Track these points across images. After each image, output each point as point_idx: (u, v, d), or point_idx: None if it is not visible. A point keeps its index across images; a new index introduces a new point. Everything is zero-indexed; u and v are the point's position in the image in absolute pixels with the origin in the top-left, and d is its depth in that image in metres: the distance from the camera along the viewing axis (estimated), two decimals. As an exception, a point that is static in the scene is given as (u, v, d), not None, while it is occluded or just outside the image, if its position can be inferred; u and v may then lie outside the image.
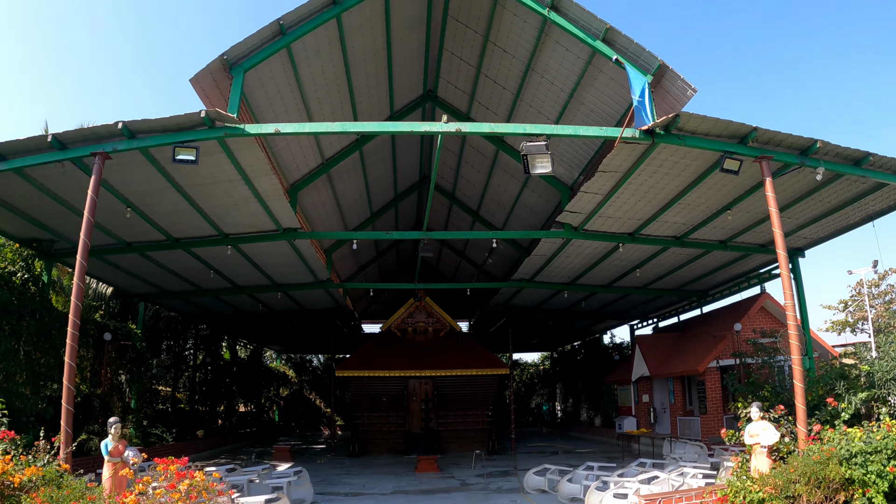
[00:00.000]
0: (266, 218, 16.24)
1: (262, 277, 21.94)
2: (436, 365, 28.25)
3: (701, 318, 27.44)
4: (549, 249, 19.73)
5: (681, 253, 20.19)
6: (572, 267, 21.92)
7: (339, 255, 26.46)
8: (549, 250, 19.81)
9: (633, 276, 23.10)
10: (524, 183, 20.71)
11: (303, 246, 18.67)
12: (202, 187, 14.39)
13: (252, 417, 40.15)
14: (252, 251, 18.79)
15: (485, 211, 23.96)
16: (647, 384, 27.70)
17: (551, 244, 19.13)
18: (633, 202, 16.01)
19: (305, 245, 18.65)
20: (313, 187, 19.50)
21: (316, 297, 25.80)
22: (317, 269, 21.42)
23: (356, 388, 28.18)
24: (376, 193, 23.97)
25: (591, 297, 26.70)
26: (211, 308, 27.32)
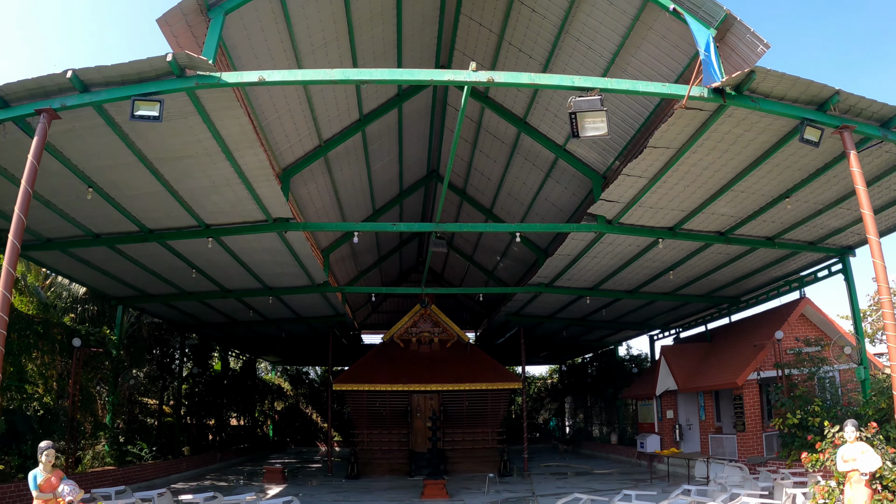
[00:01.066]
0: (252, 204, 13.81)
1: (251, 279, 19.49)
2: (442, 378, 25.75)
3: (730, 328, 24.98)
4: (576, 248, 17.33)
5: (721, 252, 17.79)
6: (598, 269, 19.52)
7: (338, 258, 24.01)
8: (576, 249, 17.41)
9: (662, 281, 20.72)
10: (547, 172, 18.30)
11: (296, 242, 16.27)
12: (175, 163, 11.97)
13: (245, 432, 37.52)
14: (238, 246, 16.35)
15: (500, 208, 21.57)
16: (672, 399, 25.19)
17: (579, 241, 16.73)
18: (680, 188, 13.61)
19: (299, 241, 16.26)
20: (309, 174, 17.08)
21: (312, 303, 23.33)
22: (312, 271, 19.00)
23: (355, 403, 25.61)
24: (380, 186, 21.54)
25: (612, 305, 24.24)
26: (199, 315, 24.82)
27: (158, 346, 26.61)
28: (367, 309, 37.81)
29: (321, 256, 20.41)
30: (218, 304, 22.72)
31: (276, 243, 16.25)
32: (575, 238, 16.45)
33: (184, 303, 22.24)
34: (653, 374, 26.81)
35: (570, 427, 41.92)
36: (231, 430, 36.16)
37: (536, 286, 21.22)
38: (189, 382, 30.30)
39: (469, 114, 18.35)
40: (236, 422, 37.83)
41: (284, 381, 45.17)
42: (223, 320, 26.03)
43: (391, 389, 25.26)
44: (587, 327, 29.29)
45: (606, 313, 25.30)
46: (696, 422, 24.78)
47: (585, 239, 16.50)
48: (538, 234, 21.99)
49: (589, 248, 17.11)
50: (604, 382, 34.60)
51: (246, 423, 38.10)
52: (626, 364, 33.28)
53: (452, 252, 29.89)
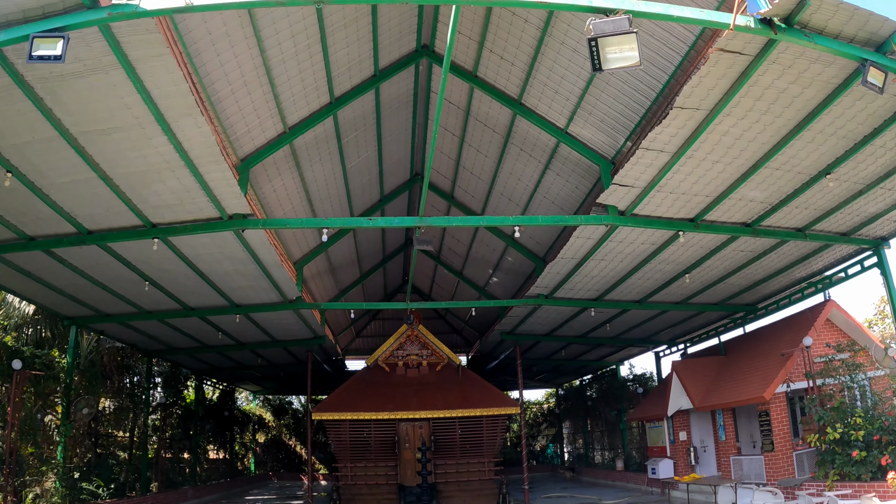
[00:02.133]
0: (202, 196, 11.53)
1: (213, 294, 17.10)
2: (432, 405, 23.35)
3: (745, 339, 22.82)
4: (581, 249, 15.14)
5: (744, 250, 15.69)
6: (605, 276, 17.32)
7: (314, 273, 21.70)
8: (581, 250, 15.22)
9: (675, 287, 18.56)
10: (546, 163, 16.13)
11: (259, 246, 13.97)
12: (102, 138, 9.72)
13: (225, 466, 34.66)
14: (193, 251, 14.02)
15: (492, 210, 19.37)
16: (685, 419, 22.89)
17: (585, 240, 14.56)
18: (707, 165, 11.53)
19: (263, 245, 13.96)
20: (273, 168, 14.86)
21: (287, 324, 20.91)
22: (282, 284, 16.67)
23: (337, 434, 23.09)
24: (358, 188, 19.23)
25: (618, 318, 22.01)
26: (164, 338, 22.28)
27: (122, 374, 23.96)
28: (350, 333, 35.32)
29: (293, 269, 18.15)
30: (182, 325, 20.26)
31: (237, 249, 13.95)
32: (581, 236, 14.27)
33: (144, 323, 19.76)
34: (662, 393, 24.53)
35: (570, 453, 39.33)
36: (209, 464, 33.37)
37: (535, 298, 18.98)
38: (160, 413, 27.61)
39: (455, 99, 16.26)
40: (215, 455, 35.07)
41: (266, 412, 42.36)
42: (192, 344, 23.51)
43: (376, 418, 22.81)
44: (588, 345, 27.01)
45: (610, 328, 23.03)
46: (711, 443, 22.50)
47: (593, 236, 14.33)
48: (536, 241, 19.83)
49: (597, 247, 14.91)
50: (605, 405, 32.23)
51: (225, 457, 35.30)
52: (630, 384, 30.94)
53: (440, 268, 27.66)
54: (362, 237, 22.55)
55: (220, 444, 34.72)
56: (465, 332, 34.77)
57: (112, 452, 24.14)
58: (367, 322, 35.65)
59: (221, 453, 35.33)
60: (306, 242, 19.00)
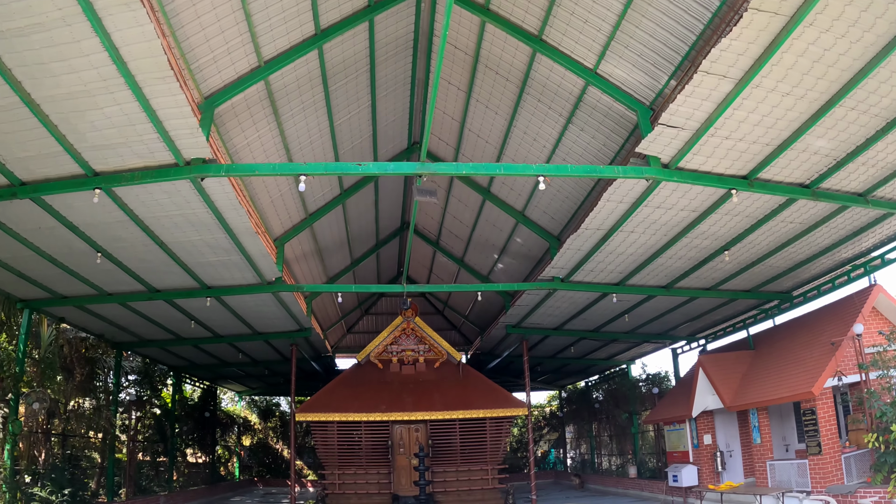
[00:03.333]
0: (150, 132, 9.19)
1: (179, 272, 14.80)
2: (430, 405, 21.10)
3: (776, 332, 20.61)
4: (610, 216, 12.92)
5: (793, 220, 13.52)
6: (631, 253, 15.13)
7: (297, 254, 19.37)
8: (610, 218, 13.00)
9: (706, 271, 16.42)
10: (569, 116, 13.67)
11: (229, 210, 11.74)
12: (19, 39, 7.47)
13: (207, 470, 32.20)
14: (145, 209, 11.65)
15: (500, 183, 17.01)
16: (709, 421, 20.70)
17: (615, 204, 12.34)
18: (775, 99, 9.37)
19: (233, 209, 11.72)
20: (245, 113, 12.55)
21: (268, 312, 18.60)
22: (259, 260, 14.41)
23: (323, 437, 20.78)
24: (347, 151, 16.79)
25: (639, 308, 19.77)
26: (133, 328, 19.95)
27: (84, 366, 21.57)
28: (340, 329, 32.94)
29: (272, 245, 15.91)
30: (149, 311, 17.92)
31: (200, 208, 11.67)
32: (612, 198, 12.04)
33: (106, 308, 17.45)
34: (684, 392, 22.36)
35: (574, 459, 37.03)
36: (188, 468, 30.92)
37: (549, 282, 16.76)
38: (134, 412, 25.24)
39: (462, 43, 14.01)
40: (195, 458, 32.66)
41: (252, 414, 39.94)
42: (165, 336, 21.18)
43: (367, 419, 20.53)
44: (600, 341, 24.79)
45: (628, 320, 20.78)
46: (737, 447, 20.38)
47: (627, 198, 12.10)
48: (551, 217, 17.62)
49: (630, 214, 12.69)
50: (615, 407, 29.97)
51: (206, 461, 32.86)
52: (642, 385, 28.72)
53: (439, 256, 25.39)
54: (353, 213, 20.16)
55: (200, 447, 32.33)
56: (464, 329, 32.40)
57: (82, 455, 21.91)
58: (359, 317, 33.29)
59: (203, 457, 32.94)
60: (288, 216, 16.73)
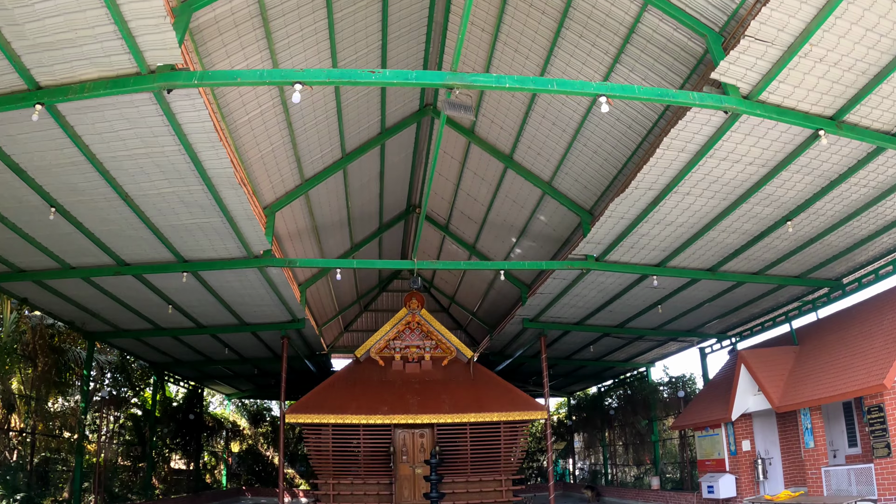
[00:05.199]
0: (105, 22, 6.59)
1: (152, 239, 12.06)
2: (437, 407, 18.34)
3: (821, 325, 18.00)
4: (666, 171, 10.44)
5: (866, 184, 11.02)
6: (682, 223, 12.51)
7: (291, 230, 16.54)
8: (666, 173, 10.51)
9: (757, 250, 13.97)
10: (616, 55, 11.14)
11: (205, 148, 9.09)
12: None
13: (193, 477, 29.24)
14: (102, 145, 9.00)
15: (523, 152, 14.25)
16: (747, 425, 18.05)
17: (676, 153, 9.85)
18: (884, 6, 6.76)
19: (210, 145, 9.05)
20: (229, 24, 9.87)
21: (255, 296, 15.79)
22: (244, 225, 11.67)
23: (316, 442, 17.95)
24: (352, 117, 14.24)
25: (677, 295, 17.08)
26: (106, 315, 17.17)
27: (48, 356, 18.71)
28: (336, 326, 30.03)
29: (260, 210, 13.15)
30: (119, 290, 15.08)
31: (170, 145, 9.04)
32: (674, 146, 9.49)
33: (70, 286, 14.63)
34: (718, 394, 19.67)
35: (584, 469, 34.18)
36: (171, 474, 27.98)
37: (581, 261, 14.05)
38: (107, 411, 22.38)
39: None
40: (184, 465, 29.77)
41: (242, 418, 36.96)
42: (141, 325, 18.36)
43: (366, 423, 17.74)
44: (623, 339, 21.98)
45: (661, 312, 18.04)
46: (776, 453, 17.84)
47: (692, 145, 9.62)
48: (583, 185, 14.89)
49: (693, 166, 10.20)
50: (632, 413, 27.19)
51: (191, 467, 29.92)
52: (664, 388, 25.98)
53: (447, 244, 22.55)
54: (355, 185, 17.20)
55: (184, 452, 29.41)
56: (471, 328, 29.55)
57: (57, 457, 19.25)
58: (358, 313, 30.41)
59: (187, 463, 30.02)
60: (280, 179, 13.97)
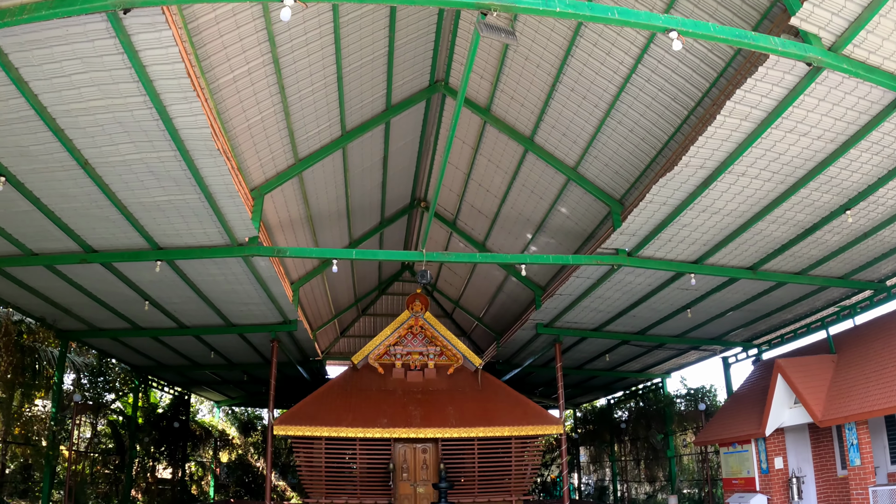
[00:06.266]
0: None
1: (116, 216, 10.24)
2: (442, 420, 16.50)
3: (858, 332, 16.40)
4: (724, 144, 8.96)
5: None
6: (730, 212, 10.99)
7: (283, 218, 14.64)
8: (724, 147, 9.05)
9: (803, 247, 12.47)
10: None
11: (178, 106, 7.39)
12: None
13: (179, 488, 27.26)
14: (49, 90, 7.28)
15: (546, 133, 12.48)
16: (779, 440, 16.35)
17: (739, 122, 8.50)
18: None
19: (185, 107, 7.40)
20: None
21: (242, 295, 13.91)
22: (225, 205, 9.88)
23: (308, 456, 16.05)
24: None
25: (704, 301, 15.38)
26: (78, 311, 15.33)
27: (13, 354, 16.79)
28: (332, 332, 28.11)
29: (247, 192, 11.35)
30: (89, 282, 13.17)
31: (132, 94, 7.31)
32: (736, 113, 8.15)
33: (34, 275, 12.73)
34: (745, 407, 18.01)
35: (589, 485, 32.27)
36: (155, 484, 25.99)
37: (612, 255, 12.29)
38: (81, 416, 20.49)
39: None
40: (169, 474, 27.82)
41: (231, 426, 34.96)
42: (119, 324, 16.50)
43: (364, 436, 15.88)
44: (643, 347, 20.20)
45: (691, 316, 16.27)
46: (809, 471, 16.14)
47: (758, 111, 8.16)
48: (613, 172, 13.14)
49: (756, 138, 8.81)
50: (645, 427, 25.35)
51: (175, 477, 27.94)
52: (681, 401, 24.19)
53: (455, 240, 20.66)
54: (356, 170, 15.27)
55: (169, 461, 27.46)
56: (476, 335, 27.63)
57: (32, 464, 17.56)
58: (355, 318, 28.48)
59: (173, 472, 28.07)
60: (271, 156, 12.12)
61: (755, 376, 19.73)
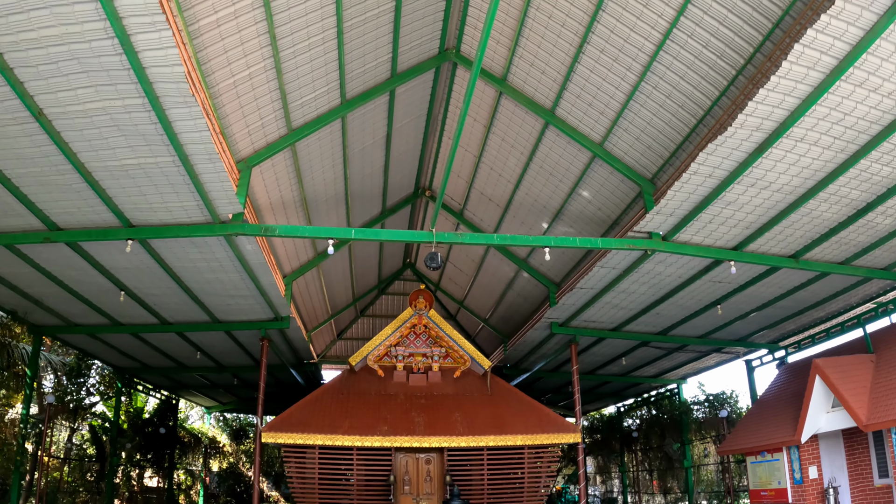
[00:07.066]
0: None
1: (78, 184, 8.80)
2: (449, 427, 15.01)
3: (892, 332, 15.06)
4: (787, 98, 7.56)
5: None
6: (780, 187, 9.87)
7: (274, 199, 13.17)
8: (788, 101, 7.66)
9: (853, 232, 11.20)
10: None
11: (145, 36, 5.97)
12: None
13: (166, 497, 25.67)
14: None
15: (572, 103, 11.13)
16: (814, 448, 14.98)
17: (806, 71, 7.13)
18: None
19: (154, 37, 5.95)
20: None
21: (227, 285, 12.42)
22: (203, 170, 8.44)
23: (300, 466, 14.53)
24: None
25: (737, 296, 13.98)
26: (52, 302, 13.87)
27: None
28: (328, 334, 26.60)
29: (230, 158, 9.91)
30: (54, 266, 11.63)
31: (87, 12, 5.90)
32: (818, 42, 6.64)
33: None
34: (774, 413, 16.74)
35: (598, 497, 30.74)
36: (142, 493, 24.54)
37: (645, 239, 10.88)
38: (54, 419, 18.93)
39: None
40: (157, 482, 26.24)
41: (222, 433, 33.36)
42: (96, 319, 15.00)
43: (362, 445, 14.35)
44: (661, 350, 18.75)
45: (721, 313, 14.82)
46: (844, 481, 14.82)
47: (843, 44, 6.85)
48: (645, 147, 11.73)
49: (827, 88, 7.55)
50: (659, 436, 23.86)
51: (161, 486, 26.39)
52: (698, 408, 22.75)
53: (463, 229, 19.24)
54: (355, 148, 13.76)
55: (155, 469, 25.91)
56: (481, 338, 26.12)
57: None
58: (353, 318, 26.94)
59: (160, 481, 26.52)
60: (261, 124, 10.65)
61: (781, 380, 18.40)
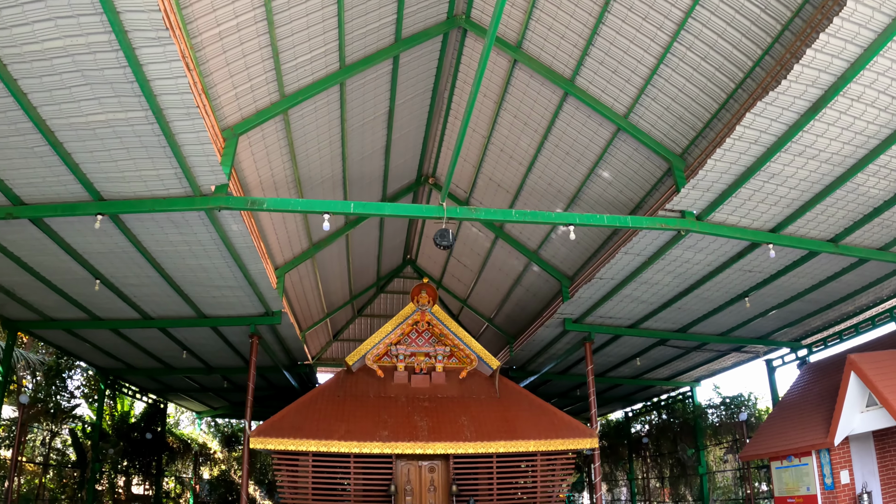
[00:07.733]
0: None
1: (36, 141, 7.57)
2: (454, 432, 13.78)
3: None
4: (841, 56, 6.68)
5: None
6: (830, 156, 8.75)
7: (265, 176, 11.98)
8: (843, 57, 6.77)
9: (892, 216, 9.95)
10: None
11: None
12: None
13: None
14: None
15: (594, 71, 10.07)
16: (845, 451, 13.91)
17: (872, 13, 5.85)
18: None
19: None
20: None
21: (213, 273, 11.21)
22: (184, 137, 7.28)
23: (292, 474, 13.28)
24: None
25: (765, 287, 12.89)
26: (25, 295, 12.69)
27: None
28: (323, 334, 25.37)
29: (213, 120, 8.73)
30: (21, 249, 10.31)
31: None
32: None
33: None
34: (799, 415, 15.67)
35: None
36: (127, 501, 23.22)
37: (678, 218, 9.77)
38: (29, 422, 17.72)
39: None
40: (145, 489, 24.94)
41: (213, 439, 32.07)
42: (73, 313, 13.80)
43: (360, 451, 13.13)
44: (678, 350, 17.62)
45: (749, 306, 13.70)
46: (875, 486, 13.79)
47: None
48: (676, 119, 10.53)
49: (883, 43, 6.62)
50: (670, 441, 22.76)
51: (147, 493, 25.11)
52: (714, 411, 21.65)
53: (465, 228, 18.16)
54: (355, 121, 12.52)
55: (142, 476, 24.65)
56: (485, 338, 24.91)
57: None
58: (350, 318, 25.72)
59: (147, 489, 25.26)
60: (251, 91, 9.44)
61: (805, 380, 17.34)
